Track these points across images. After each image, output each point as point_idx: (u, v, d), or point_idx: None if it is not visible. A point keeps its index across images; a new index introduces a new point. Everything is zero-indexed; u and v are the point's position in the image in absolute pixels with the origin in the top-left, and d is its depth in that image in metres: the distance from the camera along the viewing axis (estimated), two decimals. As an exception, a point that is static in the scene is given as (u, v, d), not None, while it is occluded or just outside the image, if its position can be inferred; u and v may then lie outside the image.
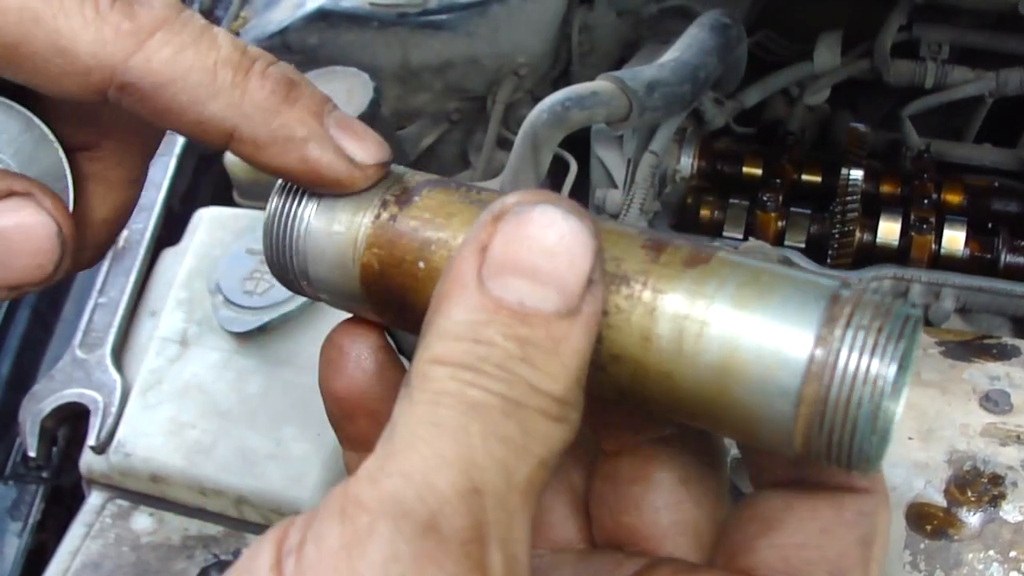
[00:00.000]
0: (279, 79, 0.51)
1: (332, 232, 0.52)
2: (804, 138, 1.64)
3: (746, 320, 0.44)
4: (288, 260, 0.54)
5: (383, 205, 0.51)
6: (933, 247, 1.36)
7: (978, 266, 1.35)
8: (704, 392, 0.45)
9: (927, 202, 1.39)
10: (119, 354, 1.31)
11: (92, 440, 1.23)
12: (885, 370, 0.42)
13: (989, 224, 1.41)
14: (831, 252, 1.38)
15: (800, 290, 0.45)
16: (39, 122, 0.54)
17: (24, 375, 1.42)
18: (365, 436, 0.56)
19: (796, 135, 1.59)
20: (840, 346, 0.43)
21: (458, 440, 0.41)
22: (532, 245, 0.44)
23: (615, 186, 1.40)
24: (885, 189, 1.48)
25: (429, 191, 0.51)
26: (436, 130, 1.65)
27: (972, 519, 0.97)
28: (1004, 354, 1.11)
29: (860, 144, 1.47)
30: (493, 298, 0.44)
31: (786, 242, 1.42)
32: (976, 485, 0.99)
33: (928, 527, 0.97)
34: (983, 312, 1.31)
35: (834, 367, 0.43)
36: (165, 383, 1.25)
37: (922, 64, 1.52)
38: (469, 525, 0.40)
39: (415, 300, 0.50)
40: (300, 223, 0.53)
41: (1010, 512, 0.97)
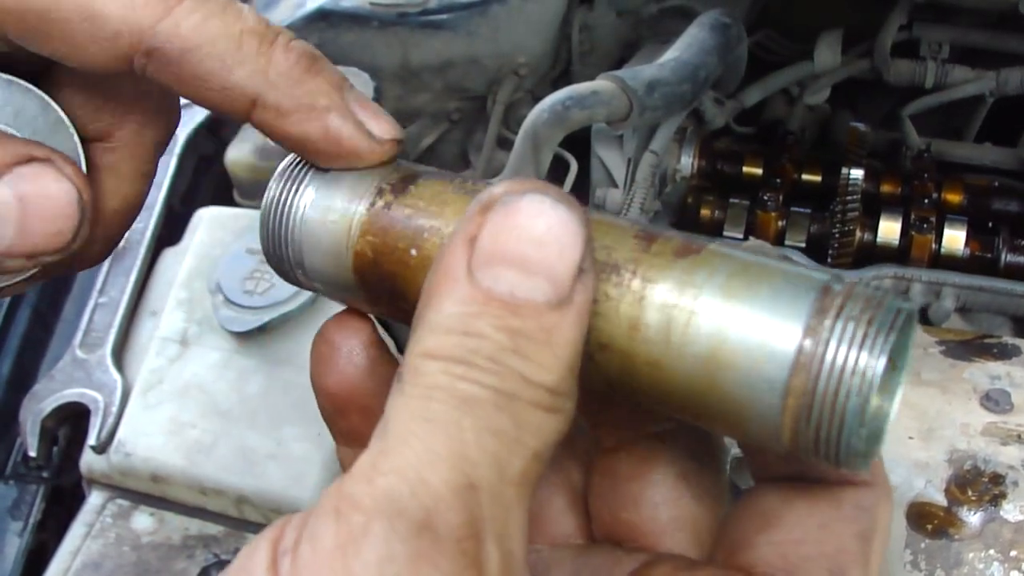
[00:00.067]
0: (302, 52, 0.52)
1: (327, 220, 0.52)
2: (804, 138, 1.64)
3: (735, 310, 0.44)
4: (284, 248, 0.54)
5: (379, 193, 0.51)
6: (933, 247, 1.36)
7: (978, 265, 1.35)
8: (692, 383, 0.45)
9: (927, 202, 1.39)
10: (119, 354, 1.31)
11: (92, 440, 1.23)
12: (874, 363, 0.42)
13: (989, 223, 1.41)
14: (831, 252, 1.38)
15: (790, 282, 0.44)
16: (55, 106, 0.55)
17: (24, 375, 1.43)
18: (358, 431, 0.56)
19: (796, 135, 1.59)
20: (828, 337, 0.42)
21: (450, 435, 0.41)
22: (521, 235, 0.44)
23: (615, 185, 1.40)
24: (885, 189, 1.48)
25: (424, 180, 0.52)
26: (436, 130, 1.65)
27: (973, 518, 0.97)
28: (1004, 353, 1.11)
29: (860, 144, 1.47)
30: (483, 289, 0.43)
31: (786, 242, 1.42)
32: (977, 484, 0.99)
33: (929, 526, 0.97)
34: (983, 311, 1.31)
35: (822, 359, 0.42)
36: (165, 383, 1.25)
37: (922, 64, 1.52)
38: (464, 522, 0.40)
39: (407, 288, 0.50)
40: (296, 211, 0.53)
41: (1011, 511, 0.97)
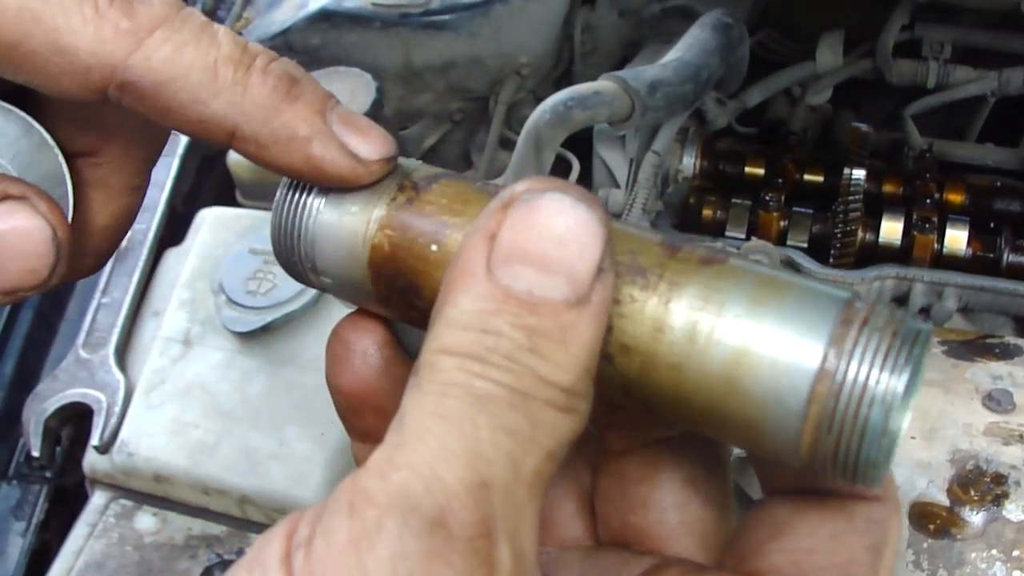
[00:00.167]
0: (280, 76, 0.50)
1: (345, 211, 0.52)
2: (806, 138, 1.64)
3: (761, 318, 0.44)
4: (295, 240, 0.53)
5: (400, 189, 0.51)
6: (935, 247, 1.36)
7: (980, 266, 1.35)
8: (713, 387, 0.45)
9: (929, 202, 1.39)
10: (122, 354, 1.32)
11: (95, 440, 1.23)
12: (896, 380, 0.42)
13: (991, 224, 1.41)
14: (833, 252, 1.38)
15: (816, 296, 0.45)
16: (39, 127, 0.54)
17: (28, 375, 1.43)
18: (373, 429, 0.55)
19: (798, 135, 1.59)
20: (852, 351, 0.43)
21: (465, 433, 0.41)
22: (541, 233, 0.44)
23: (617, 186, 1.40)
24: (887, 189, 1.48)
25: (447, 180, 0.52)
26: (439, 130, 1.65)
27: (975, 518, 0.97)
28: (1007, 353, 1.11)
29: (862, 144, 1.47)
30: (502, 287, 0.43)
31: (788, 242, 1.42)
32: (979, 484, 0.99)
33: (931, 526, 0.97)
34: (985, 311, 1.31)
35: (845, 373, 0.43)
36: (168, 383, 1.25)
37: (924, 64, 1.52)
38: (477, 520, 0.40)
39: (424, 284, 0.50)
40: (313, 200, 0.52)
41: (1013, 511, 0.97)
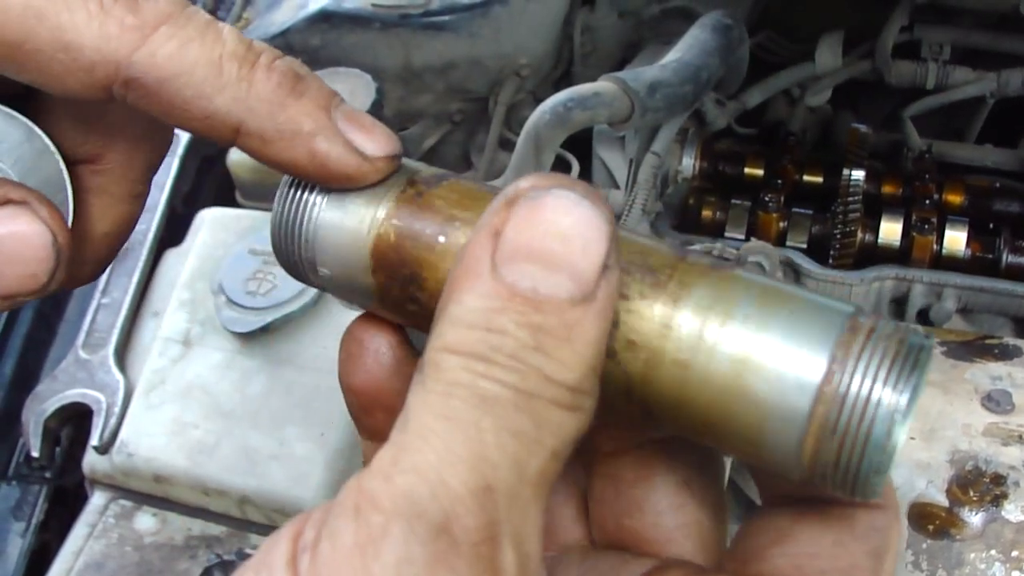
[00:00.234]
0: (285, 72, 0.50)
1: (349, 203, 0.51)
2: (805, 139, 1.64)
3: (770, 324, 0.44)
4: (296, 231, 0.53)
5: (410, 183, 0.51)
6: (935, 247, 1.36)
7: (980, 266, 1.36)
8: (717, 389, 0.45)
9: (928, 203, 1.39)
10: (122, 354, 1.32)
11: (95, 440, 1.23)
12: (899, 395, 0.43)
13: (990, 225, 1.41)
14: (833, 252, 1.38)
15: (822, 308, 0.45)
16: (41, 133, 0.54)
17: (27, 375, 1.43)
18: (383, 428, 0.55)
19: (797, 136, 1.59)
20: (857, 366, 0.43)
21: (470, 436, 0.41)
22: (546, 230, 0.43)
23: (617, 187, 1.41)
24: (887, 190, 1.48)
25: (455, 180, 0.52)
26: (438, 131, 1.65)
27: (974, 519, 0.97)
28: (1006, 354, 1.11)
29: (861, 145, 1.47)
30: (506, 284, 0.43)
31: (788, 242, 1.42)
32: (978, 485, 0.99)
33: (930, 527, 0.97)
34: (985, 312, 1.32)
35: (848, 388, 0.43)
36: (168, 383, 1.25)
37: (923, 65, 1.52)
38: (481, 525, 0.40)
39: (428, 275, 0.50)
40: (315, 195, 0.52)
41: (1012, 512, 0.97)
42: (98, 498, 1.24)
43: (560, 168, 1.39)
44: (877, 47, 1.53)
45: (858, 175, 1.42)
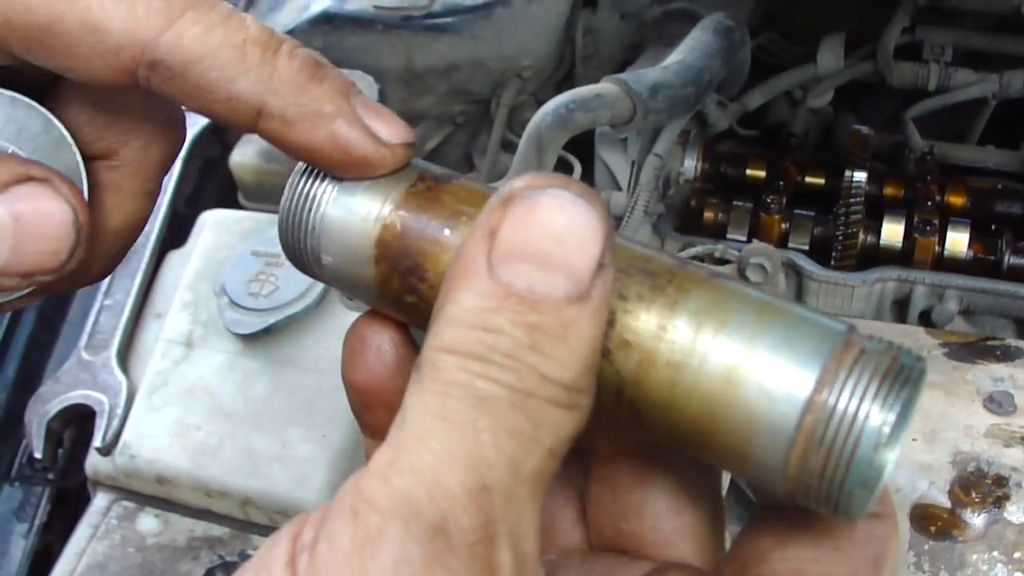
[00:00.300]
0: (306, 59, 0.51)
1: (359, 190, 0.52)
2: (807, 140, 1.65)
3: (765, 330, 0.45)
4: (306, 214, 0.53)
5: (420, 178, 0.52)
6: (937, 249, 1.36)
7: (981, 268, 1.36)
8: (708, 394, 0.45)
9: (930, 204, 1.39)
10: (125, 356, 1.32)
11: (98, 442, 1.24)
12: (886, 415, 0.43)
13: (992, 226, 1.42)
14: (835, 254, 1.39)
15: (816, 323, 0.46)
16: (59, 124, 0.55)
17: (30, 377, 1.43)
18: (384, 426, 0.55)
19: (799, 137, 1.59)
20: (845, 384, 0.43)
21: (467, 436, 0.41)
22: (541, 230, 0.44)
23: (619, 188, 1.41)
24: (888, 191, 1.48)
25: (466, 178, 0.52)
26: (440, 133, 1.66)
27: (976, 520, 0.97)
28: (1008, 355, 1.11)
29: (863, 146, 1.47)
30: (502, 284, 0.43)
31: (790, 244, 1.42)
32: (980, 486, 0.99)
33: (932, 528, 0.97)
34: (987, 314, 1.32)
35: (835, 406, 0.43)
36: (171, 385, 1.26)
37: (925, 66, 1.52)
38: (478, 525, 0.40)
39: (430, 266, 0.50)
40: (326, 183, 0.52)
41: (1014, 513, 0.97)
42: (101, 499, 1.24)
43: (562, 170, 1.39)
44: (879, 49, 1.53)
45: (860, 176, 1.42)
